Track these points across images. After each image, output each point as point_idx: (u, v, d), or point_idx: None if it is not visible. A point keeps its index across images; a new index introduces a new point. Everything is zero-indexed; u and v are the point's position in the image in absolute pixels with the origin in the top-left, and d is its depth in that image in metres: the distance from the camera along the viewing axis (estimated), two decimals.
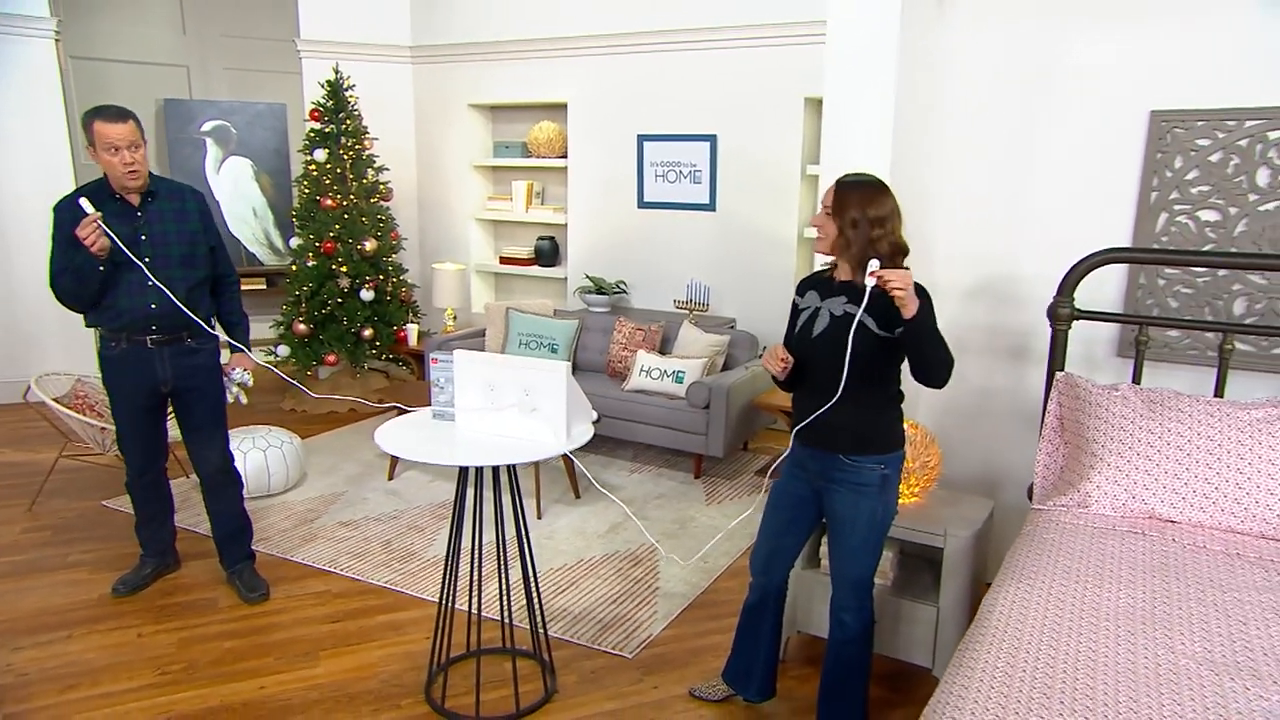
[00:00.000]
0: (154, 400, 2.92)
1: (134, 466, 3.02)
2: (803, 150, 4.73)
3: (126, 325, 2.78)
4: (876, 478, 2.10)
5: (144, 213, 2.78)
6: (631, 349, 4.70)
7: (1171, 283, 2.85)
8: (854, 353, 2.00)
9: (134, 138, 2.66)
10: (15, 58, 5.06)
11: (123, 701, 2.50)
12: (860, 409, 2.07)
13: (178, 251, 2.82)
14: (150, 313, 2.77)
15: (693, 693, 2.58)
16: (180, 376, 2.89)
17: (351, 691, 2.58)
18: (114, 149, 2.64)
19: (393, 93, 5.87)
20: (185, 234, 2.85)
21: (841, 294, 2.10)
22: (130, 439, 2.97)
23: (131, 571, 3.16)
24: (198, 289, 2.88)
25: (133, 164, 2.67)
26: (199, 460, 3.04)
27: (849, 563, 2.16)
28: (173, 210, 2.84)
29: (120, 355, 2.84)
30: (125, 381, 2.87)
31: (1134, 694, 1.46)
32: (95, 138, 2.64)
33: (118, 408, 2.93)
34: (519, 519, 2.51)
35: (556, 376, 2.30)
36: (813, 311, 2.15)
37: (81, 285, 2.70)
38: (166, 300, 2.75)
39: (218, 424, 3.03)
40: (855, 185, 2.03)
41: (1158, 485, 2.23)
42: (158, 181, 2.83)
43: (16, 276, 5.28)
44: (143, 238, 2.76)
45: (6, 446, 4.63)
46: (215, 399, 3.00)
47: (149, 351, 2.83)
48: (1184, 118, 2.73)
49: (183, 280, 2.82)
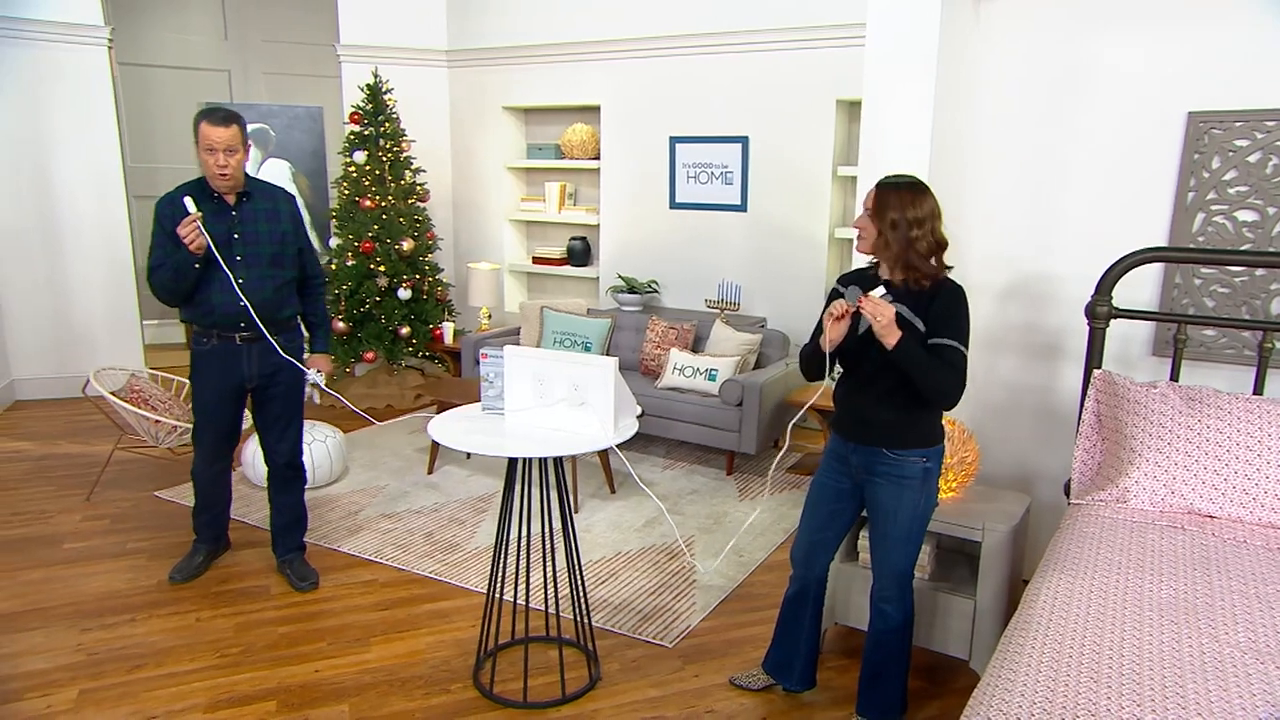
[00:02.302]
0: (238, 395, 3.03)
1: (205, 456, 3.11)
2: (834, 151, 4.78)
3: (218, 321, 2.89)
4: (919, 470, 2.16)
5: (238, 212, 2.89)
6: (664, 347, 4.77)
7: (1208, 282, 2.87)
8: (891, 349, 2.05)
9: (232, 142, 2.76)
10: (71, 65, 5.23)
11: (187, 681, 2.61)
12: (903, 403, 2.12)
13: (268, 251, 2.93)
14: (240, 310, 2.86)
15: (733, 681, 2.65)
16: (265, 373, 3.00)
17: (403, 676, 2.67)
18: (211, 150, 2.75)
19: (429, 96, 5.99)
20: (276, 235, 2.95)
21: (887, 291, 2.14)
22: (207, 430, 3.07)
23: (184, 559, 3.27)
24: (285, 288, 2.99)
25: (225, 167, 2.78)
26: (271, 453, 3.14)
27: (891, 554, 2.22)
28: (265, 211, 2.94)
29: (210, 351, 2.95)
30: (213, 376, 2.97)
31: (1180, 681, 1.50)
32: (199, 137, 2.75)
33: (201, 400, 3.03)
34: (565, 510, 2.59)
35: (605, 371, 2.38)
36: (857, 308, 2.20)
37: (177, 281, 2.81)
38: (258, 298, 2.87)
39: (293, 420, 3.13)
40: (895, 187, 2.09)
41: (1197, 481, 2.26)
42: (252, 183, 2.94)
43: (70, 276, 5.46)
44: (235, 236, 2.87)
45: (62, 439, 4.79)
46: (294, 396, 3.10)
47: (237, 348, 2.93)
48: (1222, 118, 2.75)
49: (271, 279, 2.93)
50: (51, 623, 2.92)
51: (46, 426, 4.99)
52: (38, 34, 5.10)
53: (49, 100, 5.22)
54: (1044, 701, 1.45)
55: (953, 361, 2.05)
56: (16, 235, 5.28)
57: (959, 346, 2.07)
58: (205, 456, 3.12)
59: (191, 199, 2.77)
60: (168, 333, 7.13)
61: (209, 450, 3.11)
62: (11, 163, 5.20)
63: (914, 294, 2.11)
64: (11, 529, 3.65)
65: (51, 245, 5.37)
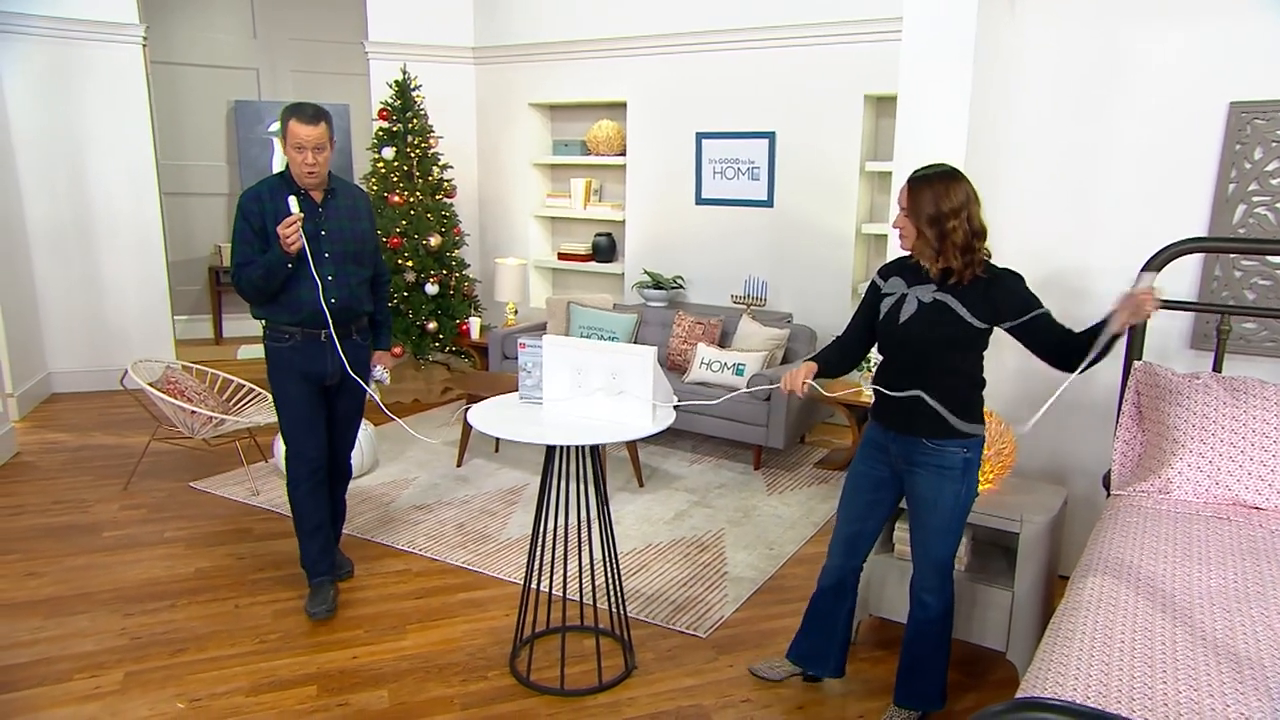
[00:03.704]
0: (322, 393, 2.95)
1: (305, 463, 2.91)
2: (862, 147, 4.77)
3: (304, 319, 2.81)
4: (959, 460, 2.15)
5: (324, 209, 2.84)
6: (691, 342, 4.78)
7: (1248, 274, 2.85)
8: (945, 340, 2.06)
9: (321, 140, 2.70)
10: (106, 62, 5.31)
11: (228, 665, 2.65)
12: (945, 394, 2.12)
13: (352, 248, 2.89)
14: (329, 305, 2.80)
15: (753, 671, 2.64)
16: (343, 370, 2.92)
17: (440, 663, 2.70)
18: (300, 147, 2.70)
19: (455, 93, 6.03)
20: (358, 232, 2.91)
21: (929, 282, 2.13)
22: (303, 433, 2.91)
23: (315, 598, 2.96)
24: (363, 285, 2.95)
25: (314, 165, 2.73)
26: (332, 449, 3.04)
27: (932, 545, 2.22)
28: (347, 208, 2.90)
29: (293, 348, 2.86)
30: (296, 372, 2.87)
31: (1237, 666, 1.50)
32: (288, 134, 2.70)
33: (288, 402, 2.90)
34: (601, 500, 2.60)
35: (644, 360, 2.39)
36: (899, 298, 2.18)
37: (267, 280, 2.74)
38: (343, 295, 2.84)
39: (355, 420, 3.11)
40: (926, 180, 2.06)
41: (1242, 472, 2.25)
42: (335, 180, 2.89)
43: (105, 272, 5.55)
44: (322, 233, 2.82)
45: (97, 430, 4.87)
46: (362, 396, 3.04)
47: (321, 345, 2.86)
48: (1265, 109, 2.72)
49: (354, 276, 2.89)
50: (96, 608, 2.97)
51: (82, 418, 5.07)
52: (74, 32, 5.19)
53: (84, 98, 5.31)
54: (1099, 685, 1.45)
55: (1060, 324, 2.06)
56: (53, 231, 5.37)
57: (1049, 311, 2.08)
58: (307, 462, 2.90)
59: (295, 199, 2.71)
60: (197, 328, 7.23)
61: (310, 453, 2.91)
62: (48, 160, 5.29)
63: (962, 287, 2.08)
64: (53, 517, 3.72)
65: (86, 241, 5.46)
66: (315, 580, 2.99)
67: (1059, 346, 2.06)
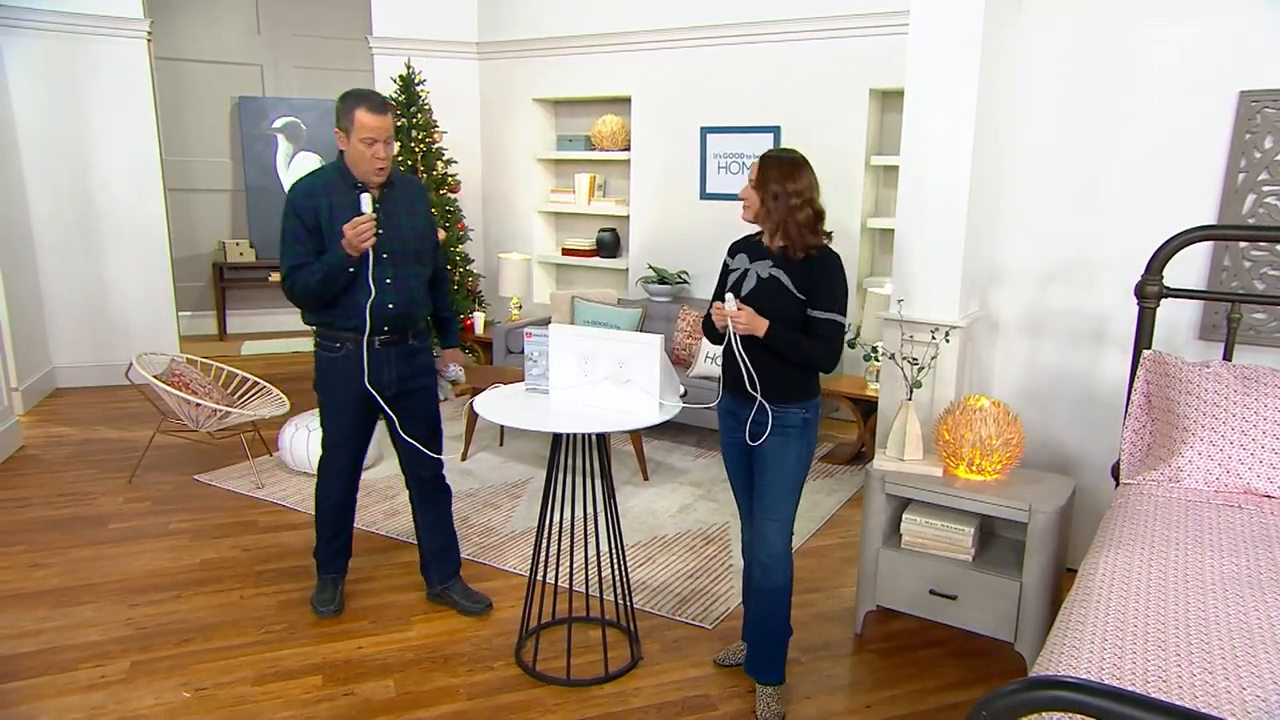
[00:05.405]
0: (374, 406, 2.67)
1: (339, 478, 2.78)
2: (867, 141, 4.75)
3: (362, 325, 2.54)
4: (799, 420, 2.27)
5: (383, 205, 2.56)
6: (696, 337, 4.77)
7: (1258, 264, 2.83)
8: (778, 313, 2.20)
9: (391, 131, 2.49)
10: (111, 57, 5.31)
11: (234, 655, 2.65)
12: (782, 361, 2.22)
13: (412, 247, 2.63)
14: (387, 311, 2.57)
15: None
16: (404, 378, 2.69)
17: (446, 653, 2.69)
18: (371, 141, 2.45)
19: (459, 88, 6.03)
20: (418, 228, 2.66)
21: (768, 258, 2.26)
22: (343, 448, 2.74)
23: (322, 594, 2.91)
24: (423, 286, 2.70)
25: (385, 160, 2.49)
26: (414, 466, 2.80)
27: (778, 501, 2.29)
28: (406, 202, 2.64)
29: (345, 357, 2.60)
30: (351, 383, 2.61)
31: (1251, 650, 1.48)
32: (355, 126, 2.44)
33: (335, 413, 2.69)
34: (608, 490, 2.59)
35: (650, 349, 2.38)
36: (742, 272, 2.31)
37: (327, 284, 2.50)
38: (403, 299, 2.59)
39: (436, 428, 2.83)
40: (775, 161, 2.21)
41: (1254, 460, 2.23)
42: (391, 172, 2.61)
43: (109, 267, 5.54)
44: (380, 232, 2.52)
45: (101, 424, 4.87)
46: (434, 401, 2.79)
47: (377, 353, 2.60)
48: (1276, 97, 2.71)
49: (415, 277, 2.64)
50: (101, 598, 2.97)
51: (86, 412, 5.07)
52: (79, 27, 5.19)
53: (89, 93, 5.31)
54: (1112, 668, 1.44)
55: (828, 335, 2.21)
56: (57, 227, 5.37)
57: (836, 318, 2.22)
58: (340, 478, 2.78)
59: (369, 197, 2.48)
60: (202, 324, 7.23)
61: (345, 469, 2.78)
62: (53, 155, 5.29)
63: (794, 262, 2.21)
64: (58, 509, 3.72)
65: (91, 237, 5.46)
66: (324, 576, 2.96)
67: None
